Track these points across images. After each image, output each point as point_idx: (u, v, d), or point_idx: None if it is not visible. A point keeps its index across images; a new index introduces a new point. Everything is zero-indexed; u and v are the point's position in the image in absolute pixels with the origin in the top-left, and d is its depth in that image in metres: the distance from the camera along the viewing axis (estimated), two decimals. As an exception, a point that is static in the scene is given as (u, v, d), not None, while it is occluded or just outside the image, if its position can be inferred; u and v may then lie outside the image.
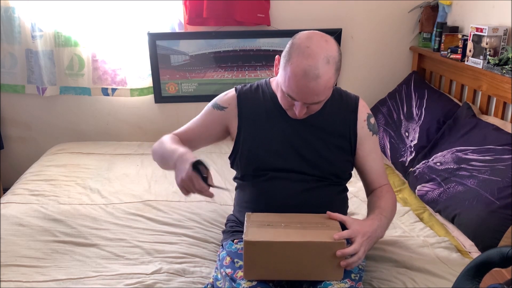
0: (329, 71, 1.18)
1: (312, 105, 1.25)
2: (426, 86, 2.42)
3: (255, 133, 1.38)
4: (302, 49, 1.18)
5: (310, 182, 1.36)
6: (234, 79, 2.65)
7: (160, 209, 1.81)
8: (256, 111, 1.39)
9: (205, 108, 1.49)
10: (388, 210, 1.36)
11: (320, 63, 1.16)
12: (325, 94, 1.22)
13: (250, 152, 1.38)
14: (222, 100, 1.45)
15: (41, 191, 1.92)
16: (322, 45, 1.19)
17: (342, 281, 1.21)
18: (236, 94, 1.42)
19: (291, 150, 1.36)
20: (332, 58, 1.19)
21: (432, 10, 2.56)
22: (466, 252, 1.58)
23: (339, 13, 2.60)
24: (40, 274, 1.41)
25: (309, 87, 1.18)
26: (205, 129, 1.47)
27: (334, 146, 1.37)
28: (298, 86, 1.19)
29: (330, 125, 1.37)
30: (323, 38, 1.21)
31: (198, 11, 2.45)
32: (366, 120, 1.41)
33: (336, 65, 1.21)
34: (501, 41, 1.98)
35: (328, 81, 1.19)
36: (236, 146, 1.41)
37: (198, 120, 1.50)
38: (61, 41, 2.48)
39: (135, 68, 2.55)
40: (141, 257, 1.51)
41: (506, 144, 1.70)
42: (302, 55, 1.17)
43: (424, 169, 1.94)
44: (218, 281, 1.30)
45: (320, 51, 1.17)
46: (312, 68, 1.16)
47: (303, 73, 1.16)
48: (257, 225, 1.22)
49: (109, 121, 2.72)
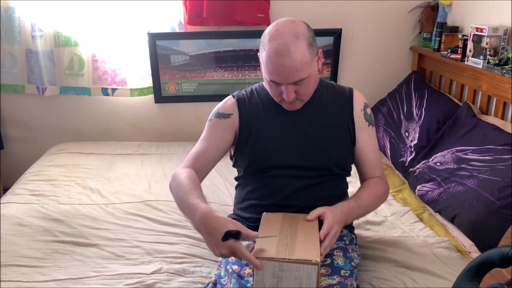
0: (300, 45, 1.22)
1: (298, 87, 1.27)
2: (426, 86, 2.42)
3: (254, 133, 1.39)
4: (271, 33, 1.25)
5: (312, 178, 1.37)
6: (234, 79, 2.65)
7: (160, 209, 1.81)
8: (254, 111, 1.41)
9: (208, 124, 1.43)
10: (365, 200, 1.37)
11: (289, 39, 1.21)
12: (304, 70, 1.24)
13: (251, 151, 1.39)
14: (225, 108, 1.43)
15: (41, 191, 1.92)
16: (288, 25, 1.25)
17: (331, 277, 1.21)
18: (235, 100, 1.44)
19: (291, 145, 1.37)
20: (301, 34, 1.23)
21: (432, 10, 2.56)
22: (466, 252, 1.58)
23: (339, 13, 2.60)
24: (40, 274, 1.41)
25: (284, 64, 1.21)
26: (219, 142, 1.40)
27: (333, 136, 1.38)
28: (274, 67, 1.23)
29: (327, 115, 1.39)
30: (290, 20, 1.27)
31: (198, 11, 2.45)
32: (362, 110, 1.42)
33: (308, 41, 1.24)
34: (501, 41, 1.98)
35: (303, 56, 1.22)
36: (238, 146, 1.42)
37: (206, 138, 1.42)
38: (61, 41, 2.48)
39: (135, 68, 2.55)
40: (141, 257, 1.51)
41: (506, 144, 1.70)
42: (271, 38, 1.23)
43: (424, 169, 1.94)
44: (222, 278, 1.30)
45: (287, 30, 1.23)
46: (281, 45, 1.21)
47: (275, 52, 1.21)
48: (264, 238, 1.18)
49: (109, 121, 2.72)
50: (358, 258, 1.39)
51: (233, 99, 1.44)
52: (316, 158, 1.37)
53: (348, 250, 1.35)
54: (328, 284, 1.19)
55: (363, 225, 1.70)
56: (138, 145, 2.53)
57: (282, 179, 1.37)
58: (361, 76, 2.75)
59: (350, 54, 2.70)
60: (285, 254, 1.09)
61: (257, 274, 1.09)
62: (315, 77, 1.32)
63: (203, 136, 1.43)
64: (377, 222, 1.73)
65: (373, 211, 1.81)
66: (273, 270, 1.08)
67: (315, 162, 1.37)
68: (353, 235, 1.47)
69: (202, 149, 1.40)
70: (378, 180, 1.44)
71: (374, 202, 1.41)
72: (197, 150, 1.40)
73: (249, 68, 2.63)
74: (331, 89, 1.45)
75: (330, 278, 1.21)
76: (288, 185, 1.36)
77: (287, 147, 1.37)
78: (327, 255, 1.29)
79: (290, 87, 1.26)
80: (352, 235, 1.46)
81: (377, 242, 1.58)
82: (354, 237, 1.46)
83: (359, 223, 1.67)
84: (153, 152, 2.43)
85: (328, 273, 1.23)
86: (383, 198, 1.45)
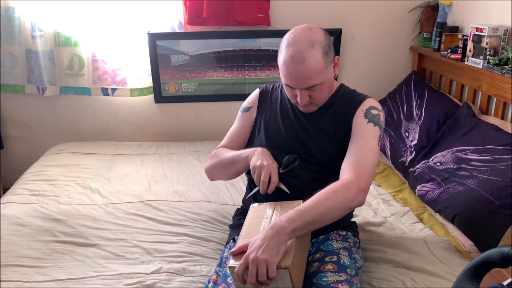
0: (315, 54, 1.26)
1: (312, 92, 1.32)
2: (426, 86, 2.42)
3: (267, 126, 1.48)
4: (289, 39, 1.30)
5: (317, 172, 1.39)
6: (234, 79, 2.65)
7: (160, 209, 1.81)
8: (272, 106, 1.50)
9: (237, 115, 1.58)
10: (309, 203, 1.15)
11: (304, 47, 1.26)
12: (317, 77, 1.28)
13: (262, 142, 1.47)
14: (248, 101, 1.57)
15: (41, 191, 1.92)
16: (306, 32, 1.29)
17: (338, 273, 1.23)
18: (259, 91, 1.56)
19: (297, 142, 1.42)
20: (317, 42, 1.27)
21: (432, 10, 2.56)
22: (466, 252, 1.58)
23: (339, 13, 2.61)
24: (40, 274, 1.41)
25: (298, 71, 1.27)
26: (243, 134, 1.55)
27: (337, 141, 1.39)
28: (289, 72, 1.29)
29: (333, 121, 1.40)
30: (308, 27, 1.32)
31: (198, 11, 2.45)
32: (364, 110, 1.38)
33: (323, 49, 1.28)
34: (501, 41, 1.98)
35: (317, 64, 1.26)
36: (251, 137, 1.53)
37: (234, 129, 1.58)
38: (61, 41, 2.48)
39: (135, 68, 2.55)
40: (141, 256, 1.51)
41: (506, 144, 1.70)
42: (288, 44, 1.29)
43: (424, 169, 1.94)
44: (228, 277, 1.30)
45: (304, 38, 1.28)
46: (297, 52, 1.26)
47: (291, 59, 1.27)
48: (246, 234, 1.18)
49: (109, 121, 2.72)
50: (361, 260, 1.40)
51: (258, 90, 1.57)
52: (318, 158, 1.40)
53: (352, 251, 1.36)
54: (336, 280, 1.21)
55: (363, 226, 1.70)
56: (138, 145, 2.54)
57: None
58: (361, 76, 2.75)
59: (350, 54, 2.70)
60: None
61: (234, 279, 1.09)
62: (329, 83, 1.37)
63: (231, 128, 1.60)
64: (377, 223, 1.73)
65: (372, 212, 1.82)
66: None
67: (316, 161, 1.40)
68: (356, 239, 1.48)
69: (229, 141, 1.57)
70: (338, 182, 1.22)
71: (331, 199, 1.16)
72: (226, 141, 1.57)
73: (249, 68, 2.63)
74: (346, 96, 1.43)
75: (337, 275, 1.22)
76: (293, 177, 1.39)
77: (293, 142, 1.42)
78: (333, 253, 1.31)
79: (303, 92, 1.32)
80: (356, 238, 1.47)
81: (377, 243, 1.58)
82: (358, 241, 1.48)
83: (359, 224, 1.67)
84: (153, 152, 2.43)
85: (335, 270, 1.24)
86: (339, 192, 1.17)
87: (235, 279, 1.09)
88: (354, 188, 1.19)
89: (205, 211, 1.80)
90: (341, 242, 1.37)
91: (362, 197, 1.21)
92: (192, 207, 1.82)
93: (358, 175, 1.22)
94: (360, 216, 1.77)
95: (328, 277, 1.21)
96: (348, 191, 1.18)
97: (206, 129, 2.78)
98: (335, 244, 1.36)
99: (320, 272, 1.24)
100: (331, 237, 1.39)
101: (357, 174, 1.22)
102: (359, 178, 1.21)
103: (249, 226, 1.23)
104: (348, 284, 1.20)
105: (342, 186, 1.19)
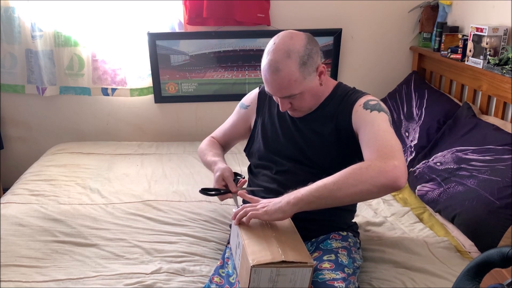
0: (290, 64, 1.24)
1: (293, 100, 1.32)
2: (426, 86, 2.42)
3: (265, 130, 1.49)
4: (269, 46, 1.29)
5: (316, 175, 1.36)
6: (234, 79, 2.65)
7: (160, 209, 1.81)
8: (270, 109, 1.51)
9: (236, 108, 1.63)
10: (330, 178, 1.17)
11: (280, 57, 1.24)
12: (294, 87, 1.27)
13: (260, 147, 1.48)
14: (247, 99, 1.59)
15: (41, 191, 1.92)
16: (285, 41, 1.27)
17: (334, 272, 1.23)
18: (258, 92, 1.56)
19: (294, 146, 1.42)
20: (295, 52, 1.25)
21: (432, 10, 2.56)
22: (466, 252, 1.57)
23: (339, 13, 2.60)
24: (40, 274, 1.40)
25: (272, 80, 1.27)
26: (236, 128, 1.61)
27: (334, 142, 1.37)
28: (265, 81, 1.30)
29: (329, 122, 1.38)
30: (289, 35, 1.28)
31: (198, 11, 2.45)
32: (362, 104, 1.33)
33: (301, 59, 1.25)
34: (501, 41, 1.98)
35: (291, 75, 1.25)
36: (251, 138, 1.55)
37: (229, 121, 1.64)
38: (61, 41, 2.48)
39: (135, 68, 2.55)
40: (140, 256, 1.51)
41: (506, 144, 1.70)
42: (268, 52, 1.28)
43: (424, 169, 1.93)
44: (231, 276, 1.30)
45: (282, 47, 1.25)
46: (272, 62, 1.25)
47: (267, 67, 1.27)
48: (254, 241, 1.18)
49: (109, 121, 2.72)
50: (361, 260, 1.40)
51: (257, 90, 1.57)
52: (313, 159, 1.39)
53: (351, 251, 1.36)
54: (332, 278, 1.21)
55: (363, 226, 1.70)
56: (138, 145, 2.54)
57: (284, 173, 1.42)
58: (361, 76, 2.75)
59: (350, 54, 2.70)
60: (281, 258, 1.08)
61: (253, 280, 1.09)
62: (312, 92, 1.34)
63: (228, 119, 1.65)
64: (377, 223, 1.73)
65: (372, 212, 1.82)
66: (270, 276, 1.09)
67: (311, 162, 1.39)
68: (357, 239, 1.47)
69: (222, 130, 1.66)
70: (362, 163, 1.17)
71: (345, 175, 1.15)
72: (220, 130, 1.66)
73: (249, 68, 2.63)
74: (340, 96, 1.39)
75: (334, 273, 1.22)
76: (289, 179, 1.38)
77: (289, 145, 1.43)
78: (332, 251, 1.32)
79: (283, 100, 1.33)
80: (357, 239, 1.47)
81: (377, 243, 1.58)
82: (358, 241, 1.47)
83: (359, 224, 1.67)
84: (153, 152, 2.43)
85: (332, 268, 1.24)
86: (361, 170, 1.14)
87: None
88: (377, 165, 1.12)
89: (205, 211, 1.80)
90: (340, 242, 1.37)
91: (394, 174, 1.10)
92: (192, 207, 1.82)
93: (382, 153, 1.16)
94: (360, 216, 1.77)
95: (325, 274, 1.22)
96: (368, 169, 1.12)
97: (206, 129, 2.76)
98: (334, 244, 1.36)
99: (317, 270, 1.24)
100: (331, 237, 1.39)
101: (380, 153, 1.16)
102: (382, 156, 1.15)
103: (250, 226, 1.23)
104: (344, 282, 1.20)
105: (361, 165, 1.14)
